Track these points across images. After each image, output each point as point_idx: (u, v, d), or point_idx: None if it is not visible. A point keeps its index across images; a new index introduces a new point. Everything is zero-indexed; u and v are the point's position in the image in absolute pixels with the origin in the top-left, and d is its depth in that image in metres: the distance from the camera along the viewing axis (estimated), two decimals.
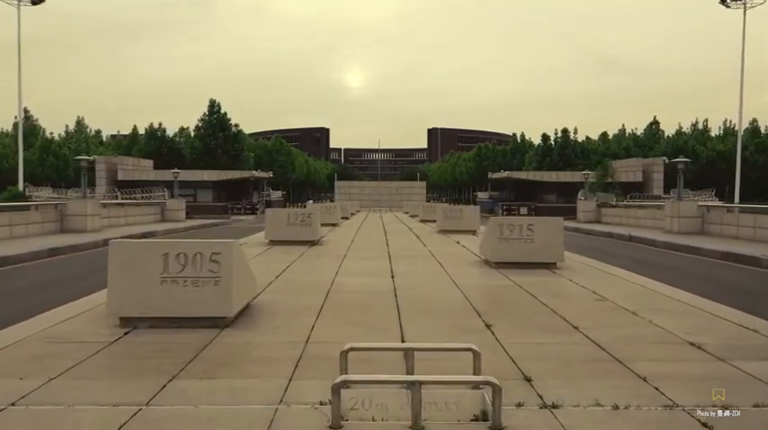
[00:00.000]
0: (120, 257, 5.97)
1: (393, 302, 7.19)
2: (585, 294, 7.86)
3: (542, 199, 48.67)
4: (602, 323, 6.19)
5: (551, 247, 10.15)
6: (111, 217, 25.14)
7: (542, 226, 10.21)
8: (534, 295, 7.68)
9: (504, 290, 8.20)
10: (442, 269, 10.11)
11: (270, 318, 6.40)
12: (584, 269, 10.36)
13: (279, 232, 14.29)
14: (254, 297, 7.11)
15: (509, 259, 10.06)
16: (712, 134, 64.57)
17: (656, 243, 19.22)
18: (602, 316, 6.59)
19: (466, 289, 8.08)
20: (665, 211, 22.78)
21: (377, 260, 11.36)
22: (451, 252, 12.98)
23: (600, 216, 31.17)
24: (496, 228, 10.15)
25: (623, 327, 6.04)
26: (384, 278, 9.02)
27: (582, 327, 5.94)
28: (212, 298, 5.91)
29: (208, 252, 5.96)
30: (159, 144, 55.79)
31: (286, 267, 10.24)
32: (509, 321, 6.26)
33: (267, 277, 9.00)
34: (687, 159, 24.77)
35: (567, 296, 7.76)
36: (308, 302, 7.16)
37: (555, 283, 8.74)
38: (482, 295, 7.86)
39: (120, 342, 5.38)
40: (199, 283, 5.92)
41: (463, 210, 18.97)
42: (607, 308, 7.01)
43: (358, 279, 9.07)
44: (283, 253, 12.47)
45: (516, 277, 9.10)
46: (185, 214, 33.71)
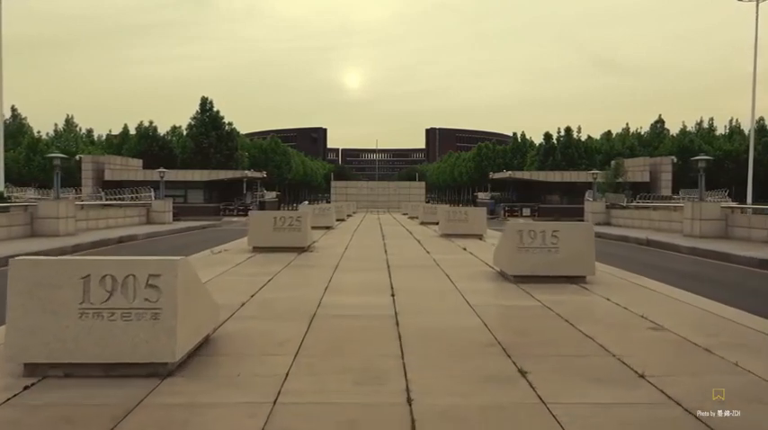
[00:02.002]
0: (24, 281, 4.39)
1: (394, 333, 5.63)
2: (634, 320, 6.31)
3: (545, 199, 47.21)
4: (672, 367, 4.65)
5: (580, 258, 8.60)
6: (90, 219, 23.52)
7: (569, 233, 8.65)
8: (571, 322, 6.13)
9: (530, 314, 6.63)
10: (451, 284, 8.54)
11: (231, 360, 4.83)
12: (617, 283, 8.80)
13: (263, 238, 12.72)
14: (215, 327, 5.55)
15: (530, 272, 8.52)
16: (717, 133, 63.10)
17: (679, 248, 17.68)
18: (667, 355, 5.04)
19: (483, 312, 6.52)
20: (685, 213, 21.22)
21: (374, 272, 9.80)
22: (459, 261, 11.42)
23: (609, 218, 29.64)
24: (515, 235, 8.59)
25: (704, 375, 4.49)
26: (382, 297, 7.46)
27: (648, 375, 4.39)
28: (149, 337, 4.35)
29: (144, 273, 4.41)
30: (150, 143, 54.08)
31: (267, 281, 8.67)
32: (548, 364, 4.71)
33: (240, 295, 7.44)
34: (709, 157, 23.24)
35: (611, 323, 6.20)
36: (285, 333, 5.61)
37: (591, 304, 7.19)
38: (505, 322, 6.29)
39: (7, 406, 3.80)
40: (131, 317, 4.37)
41: (468, 212, 17.39)
42: (669, 342, 5.46)
43: (351, 298, 7.51)
44: (266, 262, 10.91)
45: (542, 295, 7.55)
46: (173, 216, 32.12)
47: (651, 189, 42.25)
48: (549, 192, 47.44)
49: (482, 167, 74.91)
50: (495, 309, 6.82)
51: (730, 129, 62.94)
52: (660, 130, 66.20)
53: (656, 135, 65.59)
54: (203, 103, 53.87)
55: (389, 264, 10.75)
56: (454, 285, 8.39)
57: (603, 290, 8.05)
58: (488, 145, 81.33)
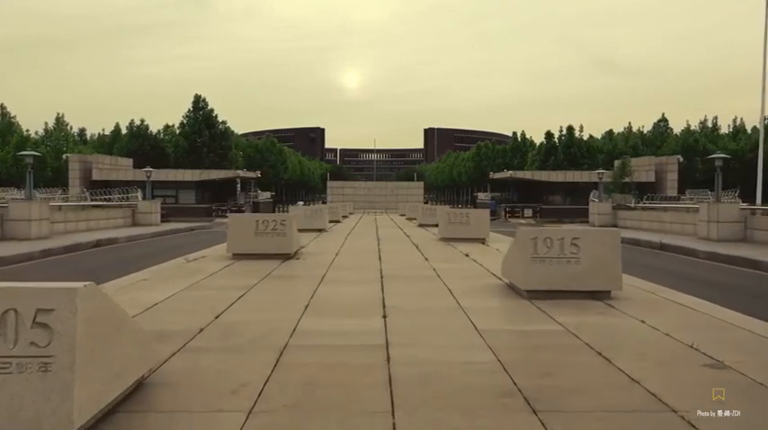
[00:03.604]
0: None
1: (383, 375, 4.38)
2: (683, 352, 5.05)
3: (547, 200, 46.00)
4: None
5: (605, 270, 7.36)
6: (69, 221, 22.22)
7: (592, 240, 7.40)
8: (605, 355, 4.88)
9: (554, 344, 5.37)
10: (454, 300, 7.29)
11: (160, 421, 3.58)
12: (647, 300, 7.56)
13: (244, 244, 11.47)
14: (152, 368, 4.31)
15: (546, 286, 7.28)
16: (722, 133, 61.88)
17: (696, 253, 16.44)
18: (739, 404, 3.78)
19: (496, 342, 5.27)
20: (700, 215, 19.97)
21: (365, 284, 8.55)
22: (462, 270, 10.17)
23: (616, 220, 28.39)
24: (528, 244, 7.34)
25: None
26: (372, 320, 6.20)
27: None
28: (36, 397, 3.11)
29: (30, 308, 3.16)
30: (141, 142, 52.71)
31: (238, 298, 7.41)
32: (590, 427, 3.46)
33: (202, 317, 6.19)
34: (725, 155, 21.99)
35: (657, 358, 4.94)
36: (244, 374, 4.36)
37: (625, 330, 5.93)
38: (524, 356, 5.03)
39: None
40: (10, 368, 3.13)
41: (470, 214, 16.12)
42: (738, 387, 4.20)
43: (334, 321, 6.24)
44: (244, 273, 9.65)
45: (564, 316, 6.30)
46: (162, 217, 30.84)
47: (656, 189, 41.00)
48: (551, 193, 46.20)
49: (481, 167, 73.83)
50: (509, 338, 5.56)
51: (735, 129, 61.72)
52: (664, 129, 64.93)
53: (659, 134, 64.33)
54: (196, 100, 52.52)
55: (383, 274, 9.50)
56: (458, 302, 7.13)
57: (634, 309, 6.81)
58: (488, 144, 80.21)
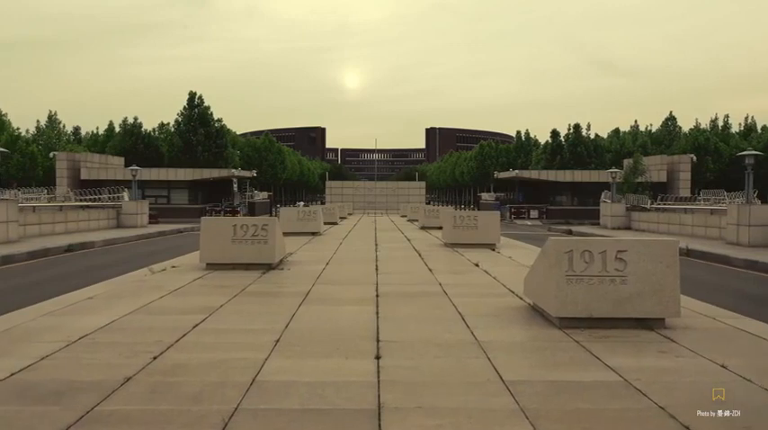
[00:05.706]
0: None
1: None
2: None
3: (554, 200, 44.42)
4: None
5: (658, 292, 5.80)
6: (44, 223, 20.71)
7: (642, 253, 5.84)
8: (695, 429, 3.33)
9: (614, 409, 3.79)
10: (468, 331, 5.73)
11: None
12: (714, 330, 5.98)
13: (219, 252, 9.93)
14: None
15: (584, 313, 5.74)
16: (732, 131, 60.17)
17: (730, 260, 14.87)
18: None
19: (531, 406, 3.71)
20: (729, 218, 18.38)
21: (357, 305, 7.01)
22: (473, 285, 8.61)
23: (630, 222, 26.81)
24: (562, 258, 5.78)
25: None
26: (362, 361, 4.66)
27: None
28: None
29: None
30: (135, 140, 51.13)
31: (194, 326, 5.86)
32: None
33: (136, 357, 4.66)
34: (757, 152, 20.41)
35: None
36: None
37: (703, 381, 4.35)
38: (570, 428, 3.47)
39: None
40: None
41: (478, 217, 14.52)
42: None
43: (311, 362, 4.67)
44: (212, 288, 8.11)
45: (615, 357, 4.76)
46: (150, 218, 29.30)
47: (668, 190, 39.39)
48: (558, 193, 44.59)
49: (484, 167, 72.31)
50: (548, 397, 3.98)
51: (746, 127, 59.99)
52: (672, 128, 63.19)
53: (667, 133, 62.60)
54: (191, 98, 50.90)
55: (379, 291, 7.94)
56: (473, 334, 5.58)
57: (703, 345, 5.24)
58: (491, 143, 78.66)
